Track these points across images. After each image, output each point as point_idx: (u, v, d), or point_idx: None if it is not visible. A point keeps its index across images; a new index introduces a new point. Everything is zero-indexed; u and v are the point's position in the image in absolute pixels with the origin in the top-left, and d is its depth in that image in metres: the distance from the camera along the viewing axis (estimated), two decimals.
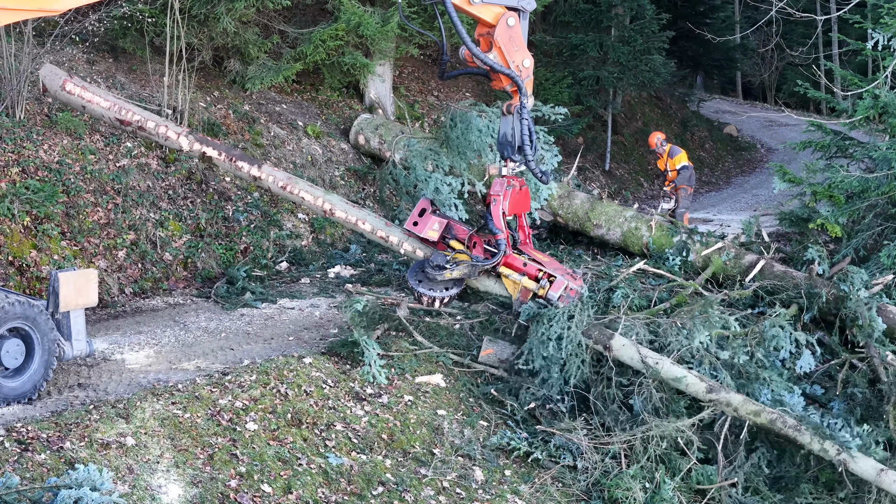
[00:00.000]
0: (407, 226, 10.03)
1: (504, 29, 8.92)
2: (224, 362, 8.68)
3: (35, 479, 6.14)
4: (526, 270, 9.49)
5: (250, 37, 13.69)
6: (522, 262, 9.53)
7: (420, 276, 9.75)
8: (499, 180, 9.44)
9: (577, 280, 9.56)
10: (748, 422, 8.49)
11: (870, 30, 11.40)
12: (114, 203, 11.09)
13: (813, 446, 8.30)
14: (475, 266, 9.48)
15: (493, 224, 9.36)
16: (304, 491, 7.14)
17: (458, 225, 9.96)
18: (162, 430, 7.14)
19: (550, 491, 8.17)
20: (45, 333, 7.44)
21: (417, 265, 9.89)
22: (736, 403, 8.56)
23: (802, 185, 11.68)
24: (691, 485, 8.21)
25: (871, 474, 8.06)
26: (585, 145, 20.20)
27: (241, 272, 11.30)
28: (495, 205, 9.32)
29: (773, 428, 8.44)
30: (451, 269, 9.42)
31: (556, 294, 9.27)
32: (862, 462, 8.11)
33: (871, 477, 8.05)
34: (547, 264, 9.53)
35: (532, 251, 9.72)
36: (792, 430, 8.37)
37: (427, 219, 9.83)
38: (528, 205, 9.84)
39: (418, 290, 9.73)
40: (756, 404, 8.58)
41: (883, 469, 8.02)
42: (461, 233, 9.86)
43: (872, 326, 9.59)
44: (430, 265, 9.56)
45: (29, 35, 11.29)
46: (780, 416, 8.43)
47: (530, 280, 9.47)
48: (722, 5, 30.37)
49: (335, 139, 14.78)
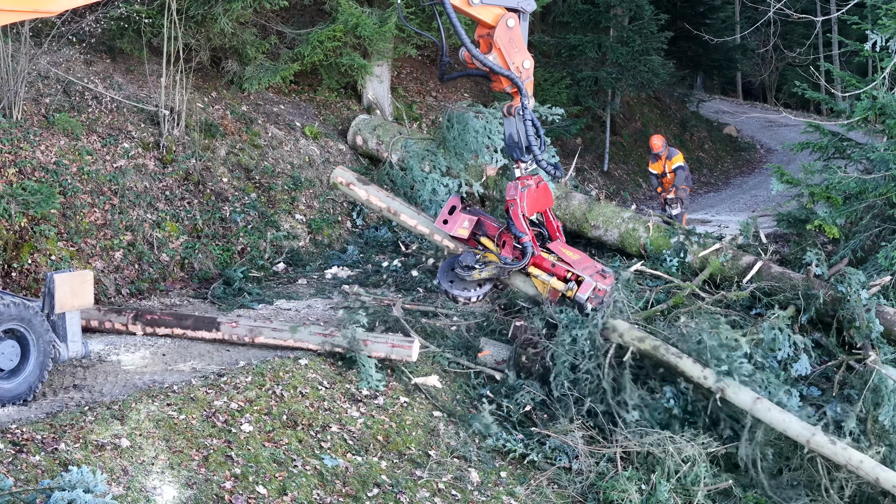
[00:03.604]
0: (437, 224, 9.96)
1: (504, 30, 8.90)
2: (219, 363, 8.67)
3: (29, 480, 6.13)
4: (554, 271, 9.46)
5: (248, 37, 13.68)
6: (551, 262, 9.48)
7: (451, 276, 9.70)
8: (512, 184, 9.38)
9: (607, 279, 9.49)
10: (632, 348, 8.94)
11: (868, 31, 11.38)
12: (111, 204, 11.08)
13: (693, 373, 8.64)
14: (503, 267, 9.45)
15: (515, 228, 9.30)
16: (300, 492, 7.13)
17: (488, 221, 9.86)
18: (157, 431, 7.13)
19: (546, 493, 8.16)
20: (40, 335, 7.42)
21: (447, 264, 9.82)
22: (622, 330, 9.05)
23: (800, 186, 11.66)
24: (687, 486, 8.19)
25: (748, 403, 8.42)
26: (584, 146, 20.19)
27: (238, 273, 11.29)
28: (514, 209, 9.25)
29: (656, 354, 8.88)
30: (480, 271, 9.39)
31: (585, 296, 9.25)
32: (739, 391, 8.45)
33: (748, 405, 8.41)
34: (576, 264, 9.45)
35: (562, 248, 9.64)
36: (674, 357, 8.79)
37: (457, 216, 9.76)
38: (551, 199, 9.75)
39: (451, 291, 9.69)
40: (640, 331, 9.06)
41: (758, 398, 8.39)
42: (491, 229, 9.78)
43: (870, 328, 9.58)
44: (460, 265, 9.52)
45: (26, 35, 11.28)
46: (663, 344, 8.90)
47: (559, 281, 9.45)
48: (721, 6, 30.35)
49: (333, 140, 14.77)
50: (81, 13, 13.00)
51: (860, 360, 9.65)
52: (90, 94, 12.11)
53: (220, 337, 9.11)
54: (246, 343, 9.09)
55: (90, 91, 12.13)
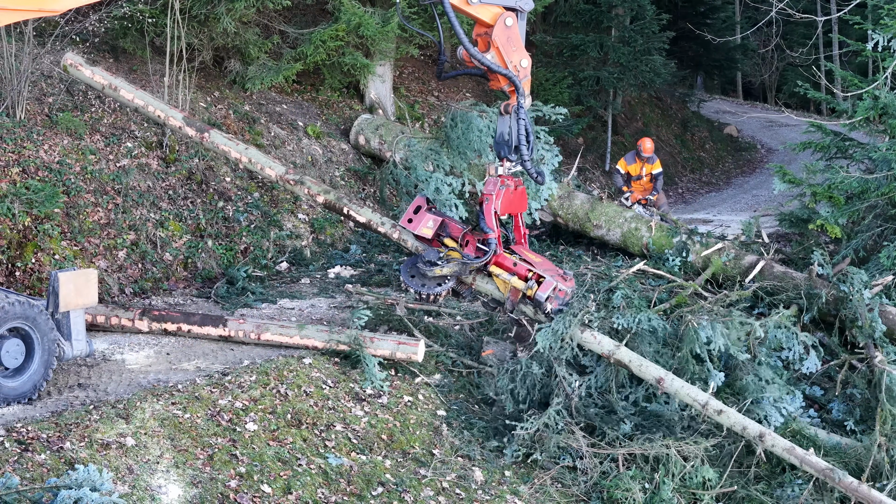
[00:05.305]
0: (402, 223, 10.03)
1: (502, 29, 8.91)
2: (224, 362, 8.69)
3: (35, 479, 6.14)
4: (515, 270, 9.49)
5: (250, 37, 13.69)
6: (513, 261, 9.52)
7: (413, 272, 9.77)
8: (492, 179, 9.43)
9: (567, 281, 9.53)
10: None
11: (870, 31, 11.39)
12: (114, 203, 11.10)
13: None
14: (465, 264, 9.49)
15: (484, 223, 9.35)
16: (304, 491, 7.15)
17: (453, 223, 9.94)
18: (162, 430, 7.14)
19: (550, 492, 8.18)
20: (45, 333, 7.44)
21: (410, 261, 9.90)
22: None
23: (802, 185, 11.68)
24: (690, 486, 8.20)
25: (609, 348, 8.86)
26: (586, 146, 20.21)
27: (242, 272, 11.30)
28: (487, 204, 9.31)
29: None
30: (442, 266, 9.43)
31: (545, 295, 9.25)
32: (604, 340, 8.86)
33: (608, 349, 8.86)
34: (538, 265, 9.51)
35: (525, 251, 9.70)
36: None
37: (422, 216, 9.82)
38: (525, 205, 9.81)
39: (410, 285, 9.75)
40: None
41: (617, 345, 8.85)
42: (455, 231, 9.86)
43: (873, 327, 9.59)
44: (422, 261, 9.59)
45: (29, 35, 11.30)
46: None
47: (519, 280, 9.47)
48: (722, 6, 30.37)
49: (335, 139, 14.79)
50: (84, 12, 13.01)
51: (862, 360, 9.68)
52: (93, 94, 12.12)
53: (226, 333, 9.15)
54: (252, 340, 9.12)
55: (93, 90, 12.13)
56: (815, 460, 8.05)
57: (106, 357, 8.60)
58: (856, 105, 11.81)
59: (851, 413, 9.22)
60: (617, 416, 8.74)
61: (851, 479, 7.94)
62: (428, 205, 9.98)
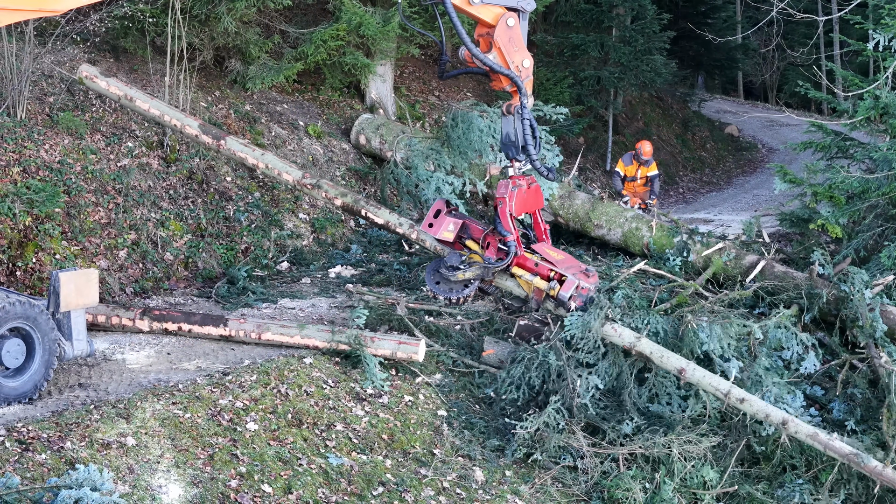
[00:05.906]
0: (423, 227, 10.06)
1: (504, 29, 8.92)
2: (224, 362, 8.69)
3: (35, 479, 6.14)
4: (538, 271, 9.53)
5: (251, 37, 13.69)
6: (534, 262, 9.55)
7: (437, 278, 9.81)
8: (503, 182, 9.44)
9: (591, 278, 9.56)
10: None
11: (871, 30, 11.38)
12: (115, 203, 11.10)
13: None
14: (487, 267, 9.51)
15: (501, 227, 9.36)
16: (305, 491, 7.15)
17: (473, 224, 9.94)
18: (162, 430, 7.14)
19: (550, 491, 8.18)
20: (45, 333, 7.44)
21: (433, 266, 9.91)
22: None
23: (803, 185, 11.67)
24: (691, 486, 8.20)
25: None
26: (586, 145, 20.20)
27: (242, 272, 11.30)
28: (502, 207, 9.31)
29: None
30: (465, 271, 9.45)
31: (567, 294, 9.32)
32: (624, 333, 8.89)
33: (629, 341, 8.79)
34: (559, 263, 9.53)
35: (547, 249, 9.70)
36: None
37: (442, 220, 9.83)
38: (541, 201, 9.83)
39: (437, 292, 9.79)
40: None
41: (638, 337, 8.86)
42: (476, 232, 9.86)
43: (874, 327, 9.59)
44: (445, 265, 9.61)
45: (30, 35, 11.30)
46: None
47: (542, 280, 9.50)
48: (723, 5, 30.38)
49: (336, 139, 14.78)
50: (85, 12, 13.02)
51: (863, 360, 9.67)
52: (93, 94, 12.12)
53: (227, 333, 9.15)
54: (253, 340, 9.12)
55: (93, 90, 12.13)
56: (839, 445, 8.03)
57: (106, 357, 8.60)
58: (857, 105, 11.81)
59: (852, 413, 9.21)
60: (619, 417, 8.73)
61: (876, 463, 7.93)
62: (448, 207, 10.00)
